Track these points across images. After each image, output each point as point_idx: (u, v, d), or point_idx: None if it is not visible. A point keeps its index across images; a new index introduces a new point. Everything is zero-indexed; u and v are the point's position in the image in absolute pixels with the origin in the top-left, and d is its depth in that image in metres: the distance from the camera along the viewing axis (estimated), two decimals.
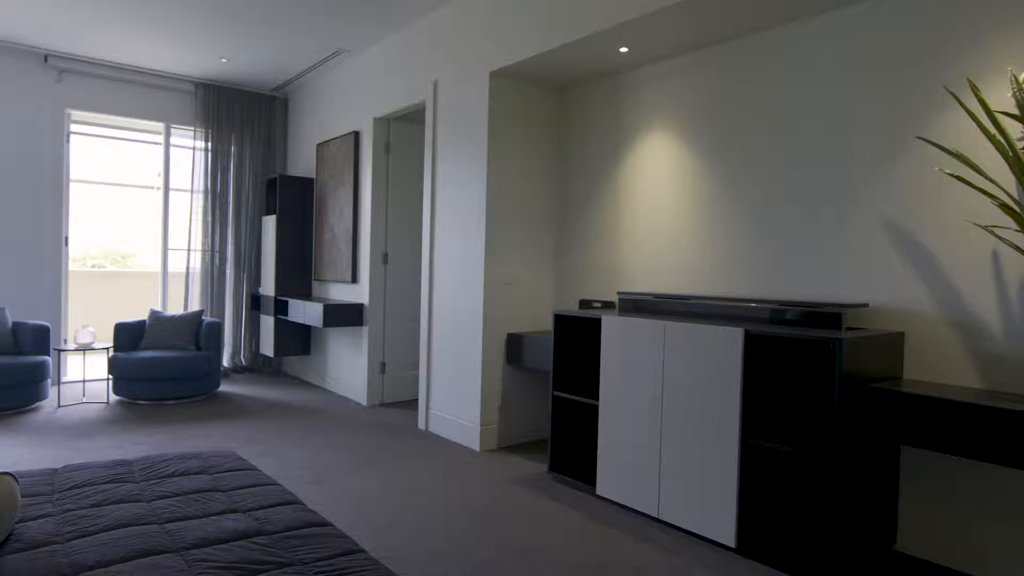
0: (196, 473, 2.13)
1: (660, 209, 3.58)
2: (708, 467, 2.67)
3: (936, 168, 2.51)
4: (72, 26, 4.82)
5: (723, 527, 2.61)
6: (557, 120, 4.25)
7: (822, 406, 2.71)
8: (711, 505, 2.65)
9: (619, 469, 3.06)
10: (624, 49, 3.41)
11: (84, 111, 5.68)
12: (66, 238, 5.66)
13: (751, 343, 2.59)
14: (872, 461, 2.45)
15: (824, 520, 2.70)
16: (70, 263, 5.80)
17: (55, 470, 2.11)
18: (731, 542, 2.58)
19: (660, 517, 2.86)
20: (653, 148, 3.62)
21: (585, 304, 3.97)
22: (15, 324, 4.90)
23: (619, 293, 3.44)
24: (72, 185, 5.72)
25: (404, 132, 5.24)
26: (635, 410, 2.98)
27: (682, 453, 2.77)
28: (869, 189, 2.71)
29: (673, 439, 2.81)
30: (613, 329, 3.10)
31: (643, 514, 2.98)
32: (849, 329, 2.60)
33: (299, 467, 3.55)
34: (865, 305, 2.62)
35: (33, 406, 4.76)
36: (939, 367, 2.50)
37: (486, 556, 2.53)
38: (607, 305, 3.82)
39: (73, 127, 5.73)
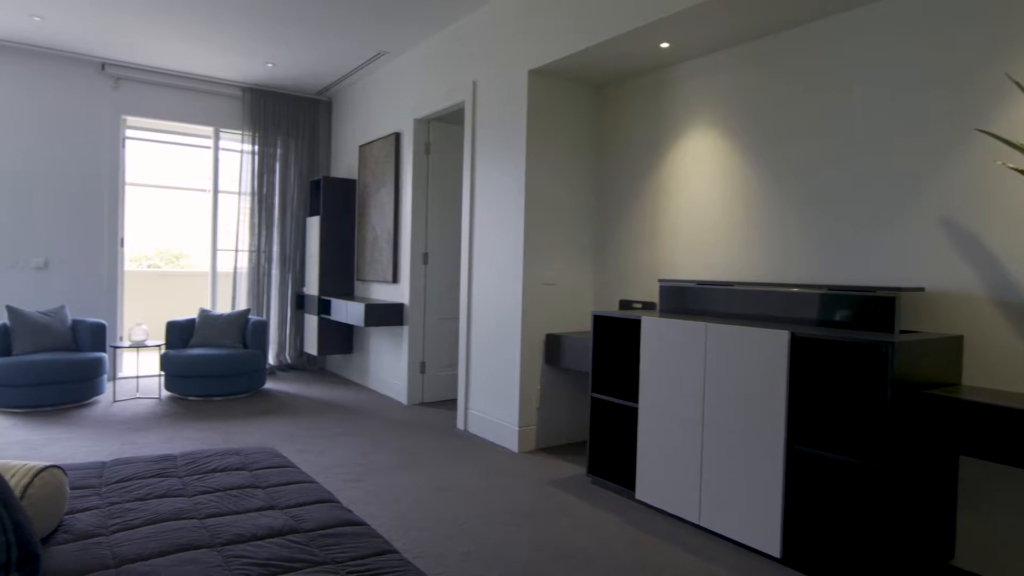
0: (236, 469, 2.16)
1: (703, 207, 3.49)
2: (752, 474, 2.59)
3: (998, 162, 2.38)
4: (128, 36, 5.00)
5: (767, 536, 2.52)
6: (596, 118, 4.20)
7: (873, 412, 2.60)
8: (755, 513, 2.57)
9: (659, 474, 2.99)
10: (665, 44, 3.34)
11: (138, 117, 5.89)
12: (122, 239, 5.88)
13: (797, 346, 2.50)
14: (928, 471, 2.33)
15: (877, 532, 2.58)
16: (126, 263, 6.03)
17: (104, 463, 2.17)
18: (776, 552, 2.49)
19: (701, 524, 2.79)
20: (695, 145, 3.54)
21: (625, 305, 3.91)
22: (74, 322, 5.12)
23: (660, 281, 3.36)
24: (127, 188, 5.95)
25: (444, 133, 5.26)
26: (676, 413, 2.92)
27: (724, 459, 2.69)
28: (927, 183, 2.58)
29: (715, 444, 2.73)
30: (653, 330, 3.04)
31: (683, 520, 2.91)
32: (903, 332, 2.48)
33: (339, 465, 3.59)
34: (921, 289, 2.48)
35: (90, 401, 4.96)
36: (1001, 373, 2.36)
37: (521, 558, 2.50)
38: (648, 306, 3.75)
39: (128, 132, 5.95)
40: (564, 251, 4.09)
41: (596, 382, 3.42)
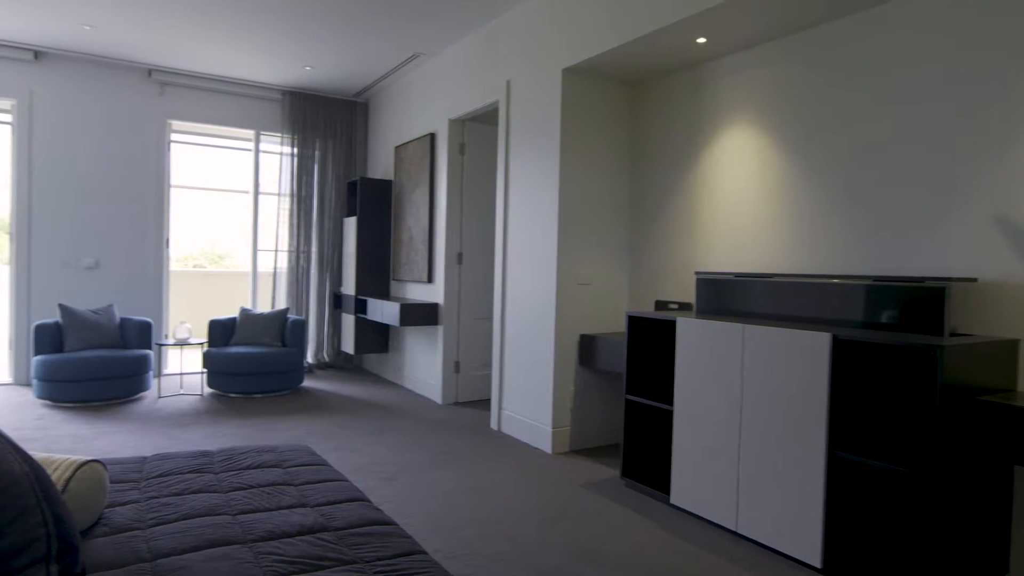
0: (270, 466, 2.19)
1: (740, 205, 3.41)
2: (791, 480, 2.51)
3: None
4: (173, 43, 5.15)
5: (808, 545, 2.44)
6: (631, 116, 4.14)
7: (921, 418, 2.49)
8: (794, 521, 2.49)
9: (695, 478, 2.93)
10: (702, 40, 3.27)
11: (183, 121, 6.06)
12: (167, 240, 6.06)
13: (839, 348, 2.41)
14: (980, 482, 2.22)
15: (924, 544, 2.47)
16: (171, 263, 6.21)
17: (145, 458, 2.23)
18: (816, 562, 2.41)
19: (738, 531, 2.71)
20: (733, 141, 3.45)
21: (661, 305, 3.84)
22: (122, 320, 5.29)
23: (697, 274, 3.29)
24: (172, 191, 6.12)
25: (478, 133, 5.27)
26: (712, 417, 2.85)
27: (763, 464, 2.62)
28: (977, 176, 2.46)
29: (753, 449, 2.66)
30: (689, 331, 2.98)
31: (719, 526, 2.84)
32: (954, 335, 2.37)
33: (374, 463, 3.62)
34: (973, 280, 2.37)
35: (137, 396, 5.12)
36: None
37: (553, 561, 2.48)
38: (684, 306, 3.68)
39: (172, 136, 6.13)
40: (598, 251, 4.05)
41: (630, 384, 3.37)
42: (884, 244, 2.76)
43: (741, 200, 3.41)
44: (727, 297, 3.18)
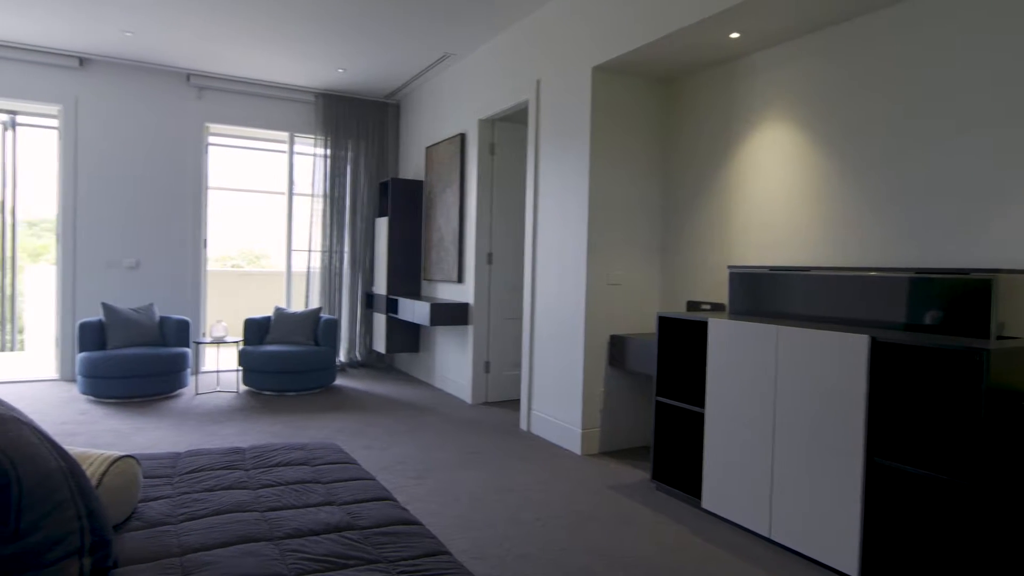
0: (299, 464, 2.22)
1: (775, 203, 3.33)
2: (828, 486, 2.43)
3: None
4: (211, 48, 5.26)
5: (844, 553, 2.37)
6: (662, 114, 4.08)
7: (964, 424, 2.39)
8: (831, 528, 2.42)
9: (727, 482, 2.87)
10: (735, 35, 3.20)
11: (220, 124, 6.19)
12: (204, 240, 6.20)
13: (878, 351, 2.33)
14: None
15: (966, 554, 2.37)
16: (209, 263, 6.35)
17: (178, 454, 2.27)
18: (853, 571, 2.34)
19: (771, 537, 2.65)
20: (767, 139, 3.37)
21: (693, 306, 3.78)
22: (162, 318, 5.43)
23: (730, 268, 3.22)
24: (210, 192, 6.27)
25: (508, 132, 5.26)
26: (745, 420, 2.79)
27: (798, 469, 2.55)
28: None
29: (787, 453, 2.59)
30: (721, 333, 2.92)
31: (752, 532, 2.78)
32: (1000, 338, 2.27)
33: (403, 461, 3.64)
34: (1022, 272, 2.26)
35: (175, 393, 5.25)
36: None
37: (580, 564, 2.45)
38: (716, 307, 3.61)
39: (210, 139, 6.27)
40: (629, 250, 4.00)
41: (661, 385, 3.32)
42: (927, 245, 2.66)
43: (776, 198, 3.33)
44: (761, 294, 3.11)
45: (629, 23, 3.51)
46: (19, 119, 6.30)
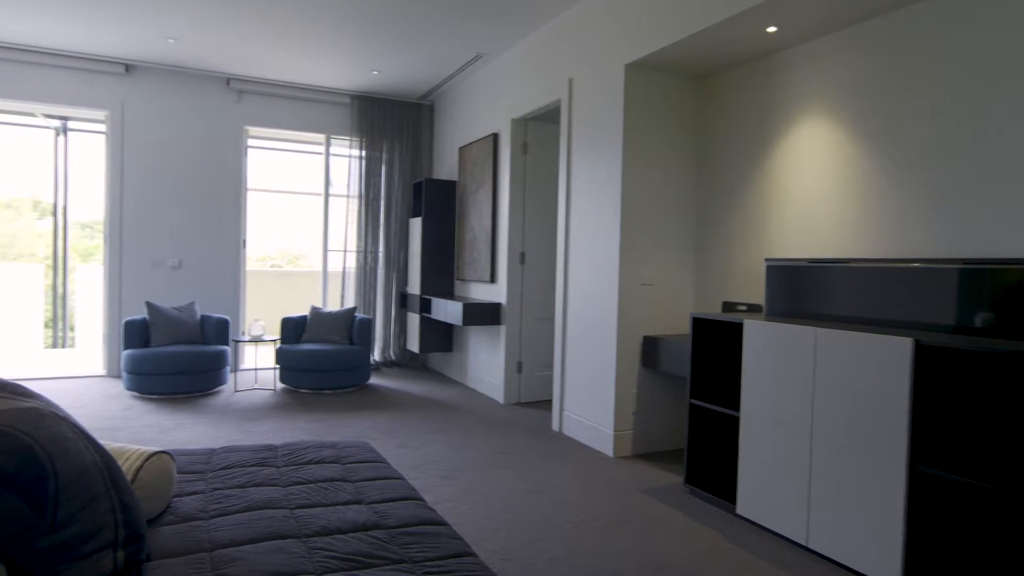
0: (330, 462, 2.24)
1: (814, 202, 3.23)
2: (869, 494, 2.35)
3: None
4: (250, 52, 5.38)
5: (887, 565, 2.28)
6: (697, 111, 4.01)
7: (1015, 432, 2.28)
8: (872, 538, 2.33)
9: (762, 488, 2.79)
10: (772, 28, 3.12)
11: (258, 126, 6.32)
12: (244, 241, 6.34)
13: (923, 354, 2.24)
14: None
15: (1014, 568, 2.26)
16: (249, 263, 6.50)
17: (213, 450, 2.32)
18: None
19: (808, 545, 2.57)
20: (806, 135, 3.28)
21: (729, 306, 3.70)
22: (202, 317, 5.57)
23: (767, 260, 3.14)
24: (249, 194, 6.41)
25: (541, 132, 5.24)
26: (781, 424, 2.71)
27: (837, 476, 2.47)
28: None
29: (826, 460, 2.51)
30: (757, 334, 2.84)
31: (789, 540, 2.70)
32: None
33: (434, 461, 3.65)
34: None
35: (215, 390, 5.37)
36: None
37: (611, 569, 2.42)
38: (753, 308, 3.52)
39: (249, 141, 6.40)
40: (662, 250, 3.94)
41: (695, 388, 3.26)
42: (977, 243, 2.54)
43: (814, 196, 3.23)
44: (799, 289, 3.02)
45: (663, 19, 3.46)
46: (70, 125, 6.54)
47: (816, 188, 3.23)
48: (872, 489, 2.33)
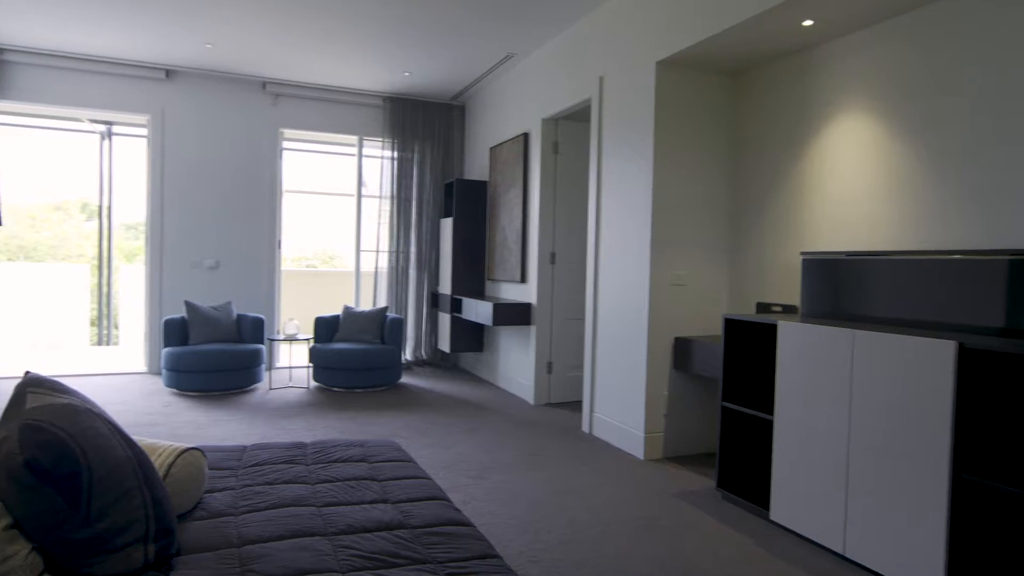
0: (357, 461, 2.25)
1: (853, 200, 3.14)
2: (909, 502, 2.27)
3: None
4: (285, 56, 5.47)
5: (927, 575, 2.20)
6: (730, 109, 3.93)
7: None
8: (912, 547, 2.25)
9: (797, 494, 2.72)
10: (808, 22, 3.04)
11: (293, 129, 6.43)
12: (279, 241, 6.45)
13: (967, 358, 2.15)
14: None
15: None
16: (285, 263, 6.61)
17: (245, 447, 2.36)
18: None
19: (845, 554, 2.49)
20: (844, 132, 3.18)
21: (763, 307, 3.62)
22: (238, 316, 5.68)
23: (803, 254, 3.06)
24: (285, 195, 6.52)
25: (571, 131, 5.21)
26: (817, 429, 2.64)
27: (876, 483, 2.39)
28: None
29: (864, 466, 2.43)
30: (792, 336, 2.77)
31: (825, 548, 2.62)
32: None
33: (463, 460, 3.65)
34: None
35: (250, 388, 5.48)
36: None
37: (639, 573, 2.38)
38: (788, 309, 3.44)
39: (284, 143, 6.52)
40: (695, 250, 3.87)
41: (727, 390, 3.20)
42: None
43: (852, 195, 3.14)
44: (836, 286, 2.93)
45: (694, 15, 3.40)
46: (115, 129, 6.76)
47: (854, 186, 3.13)
48: (912, 497, 2.25)
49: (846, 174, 3.18)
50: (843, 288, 2.93)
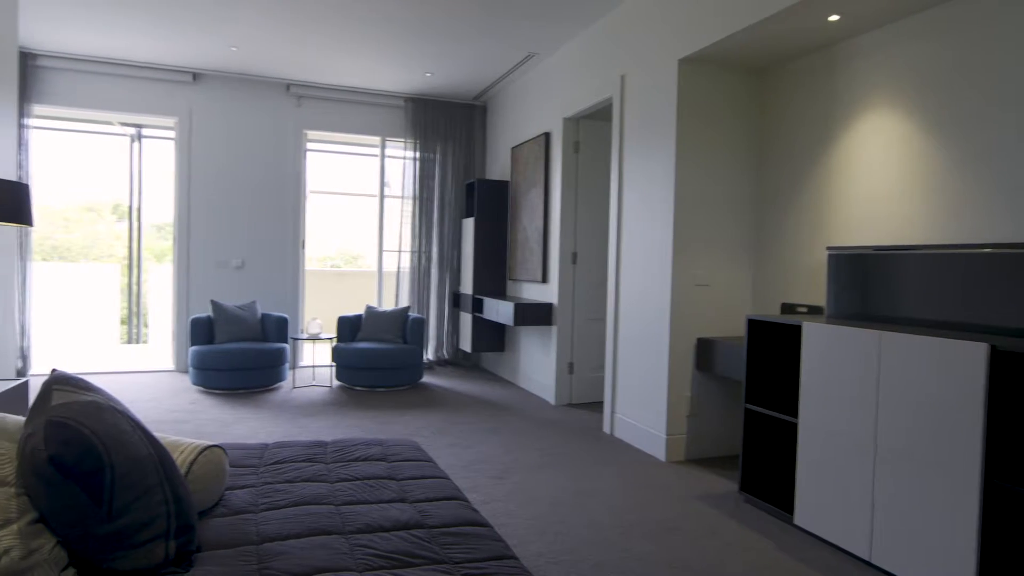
0: (377, 460, 2.26)
1: (881, 199, 3.07)
2: (939, 509, 2.21)
3: None
4: (308, 58, 5.53)
5: None
6: (753, 106, 3.87)
7: None
8: (942, 555, 2.19)
9: (822, 498, 2.67)
10: (835, 17, 2.98)
11: (317, 130, 6.50)
12: (303, 242, 6.52)
13: (1000, 361, 2.09)
14: None
15: None
16: (310, 263, 6.69)
17: (266, 445, 2.38)
18: None
19: (871, 561, 2.44)
20: (872, 129, 3.11)
21: (788, 308, 3.56)
22: (263, 315, 5.76)
23: (829, 249, 2.99)
24: (309, 196, 6.59)
25: (593, 130, 5.18)
26: (843, 432, 2.58)
27: (904, 488, 2.33)
28: None
29: (891, 470, 2.37)
30: (817, 338, 2.72)
31: (850, 554, 2.57)
32: None
33: (484, 460, 3.65)
34: None
35: (274, 386, 5.55)
36: None
37: None
38: (813, 310, 3.38)
39: (308, 145, 6.59)
40: (718, 250, 3.82)
41: (750, 392, 3.15)
42: None
43: (880, 194, 3.07)
44: (863, 283, 2.87)
45: (717, 11, 3.35)
46: (144, 131, 6.90)
47: (882, 184, 3.06)
48: (942, 503, 2.19)
49: (874, 172, 3.11)
50: (870, 285, 2.86)
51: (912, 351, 2.30)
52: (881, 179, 3.07)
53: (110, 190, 8.32)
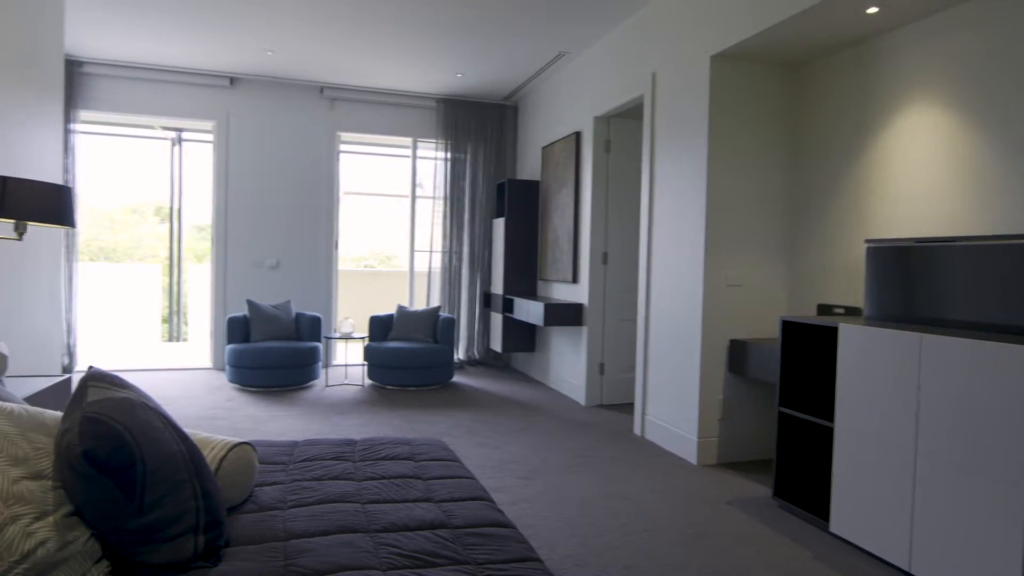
0: (404, 459, 2.27)
1: (922, 197, 2.96)
2: (983, 518, 2.12)
3: None
4: (341, 61, 5.61)
5: None
6: (788, 102, 3.78)
7: None
8: (986, 566, 2.10)
9: (859, 505, 2.59)
10: (873, 9, 2.89)
11: (349, 132, 6.58)
12: (336, 242, 6.61)
13: None
14: None
15: None
16: (343, 263, 6.78)
17: (296, 443, 2.42)
18: None
19: (911, 571, 2.35)
20: (911, 124, 3.01)
21: (824, 309, 3.47)
22: (297, 315, 5.85)
23: (867, 241, 2.90)
24: (342, 196, 6.68)
25: (623, 129, 5.13)
26: (881, 437, 2.50)
27: (946, 496, 2.24)
28: None
29: (932, 478, 2.29)
30: (854, 340, 2.64)
31: (888, 563, 2.49)
32: None
33: (513, 461, 3.65)
34: None
35: (307, 384, 5.64)
36: None
37: None
38: (851, 311, 3.28)
39: (341, 146, 6.68)
40: (751, 250, 3.75)
41: (784, 395, 3.08)
42: None
43: (920, 191, 2.96)
44: (903, 281, 2.77)
45: (751, 5, 3.28)
46: (184, 135, 7.08)
47: (923, 181, 2.96)
48: (987, 512, 2.10)
49: (914, 169, 3.01)
50: (911, 281, 2.77)
51: (955, 354, 2.21)
52: (922, 176, 2.96)
53: (153, 192, 8.57)
